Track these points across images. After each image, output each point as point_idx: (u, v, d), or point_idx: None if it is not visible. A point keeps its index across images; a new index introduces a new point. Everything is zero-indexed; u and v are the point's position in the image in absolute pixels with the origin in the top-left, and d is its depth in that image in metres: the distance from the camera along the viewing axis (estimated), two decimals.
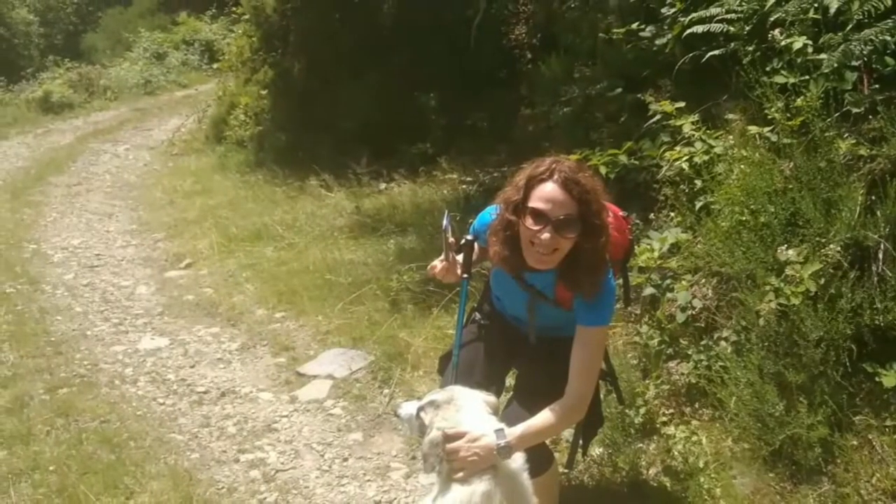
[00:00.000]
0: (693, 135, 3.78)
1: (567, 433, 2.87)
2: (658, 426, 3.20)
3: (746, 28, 3.70)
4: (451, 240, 2.49)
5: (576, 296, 2.26)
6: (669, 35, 4.40)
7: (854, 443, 2.71)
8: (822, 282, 2.84)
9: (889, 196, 2.84)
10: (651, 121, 4.20)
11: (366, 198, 7.21)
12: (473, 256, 2.54)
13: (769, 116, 3.27)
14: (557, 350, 2.31)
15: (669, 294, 3.53)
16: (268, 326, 4.85)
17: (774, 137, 3.29)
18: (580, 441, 2.60)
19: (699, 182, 3.60)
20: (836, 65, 3.12)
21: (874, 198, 2.92)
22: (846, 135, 3.07)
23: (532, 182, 2.16)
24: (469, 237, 2.52)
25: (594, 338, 2.26)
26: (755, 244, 3.11)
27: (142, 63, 18.25)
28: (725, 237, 3.26)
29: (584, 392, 2.24)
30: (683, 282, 3.51)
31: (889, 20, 3.04)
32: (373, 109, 8.15)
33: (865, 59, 3.14)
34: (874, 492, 2.57)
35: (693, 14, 3.99)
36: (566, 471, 2.87)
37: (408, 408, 2.26)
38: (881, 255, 2.84)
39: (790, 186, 3.09)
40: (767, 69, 3.39)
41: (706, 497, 2.81)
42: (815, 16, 3.34)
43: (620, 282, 2.63)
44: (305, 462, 3.38)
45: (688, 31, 3.97)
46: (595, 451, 3.08)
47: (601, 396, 2.69)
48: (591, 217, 2.14)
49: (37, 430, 3.63)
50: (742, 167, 3.35)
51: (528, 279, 2.34)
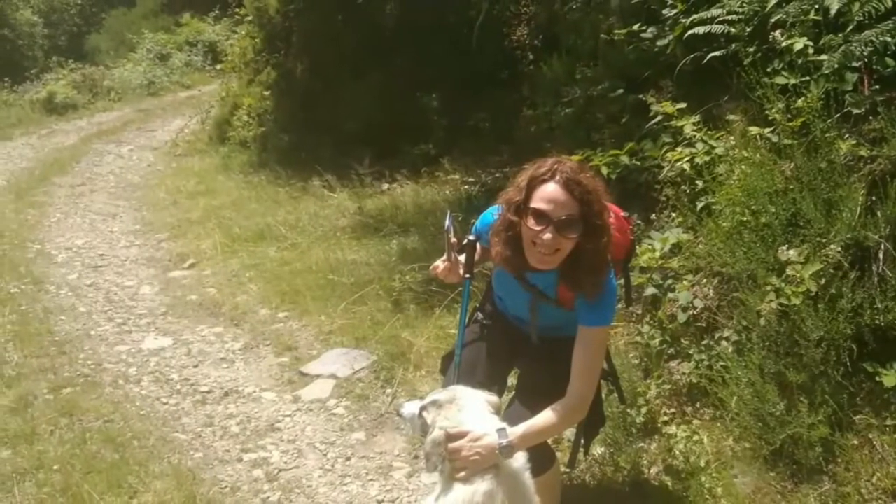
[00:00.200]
0: (694, 135, 3.78)
1: (569, 432, 2.88)
2: (659, 426, 3.21)
3: (747, 29, 3.70)
4: (454, 240, 2.49)
5: (577, 296, 2.27)
6: (671, 36, 4.40)
7: (854, 442, 2.71)
8: (823, 282, 2.84)
9: (889, 196, 2.84)
10: (652, 121, 4.20)
11: (368, 198, 7.22)
12: (475, 256, 2.54)
13: (770, 117, 3.28)
14: (559, 350, 2.31)
15: (671, 294, 3.54)
16: (271, 326, 4.86)
17: (775, 138, 3.30)
18: (582, 440, 2.60)
19: (700, 182, 3.61)
20: (837, 66, 3.12)
21: (874, 198, 2.92)
22: (847, 135, 3.07)
23: (534, 182, 2.16)
24: (471, 237, 2.53)
25: (596, 338, 2.27)
26: (756, 244, 3.11)
27: (145, 64, 18.26)
28: (726, 237, 3.26)
29: (586, 392, 2.25)
30: (685, 282, 3.51)
31: (889, 21, 3.04)
32: (375, 110, 8.16)
33: (866, 60, 3.15)
34: (874, 491, 2.57)
35: (694, 15, 3.99)
36: (568, 470, 2.87)
37: (410, 407, 2.27)
38: (881, 256, 2.84)
39: (791, 187, 3.09)
40: (768, 70, 3.40)
41: (707, 496, 2.81)
42: (816, 17, 3.35)
43: (622, 282, 2.63)
44: (308, 461, 3.39)
45: (689, 33, 3.97)
46: (597, 451, 3.08)
47: (603, 396, 2.69)
48: (593, 217, 2.15)
49: (41, 430, 3.64)
50: (743, 168, 3.35)
51: (530, 279, 2.35)
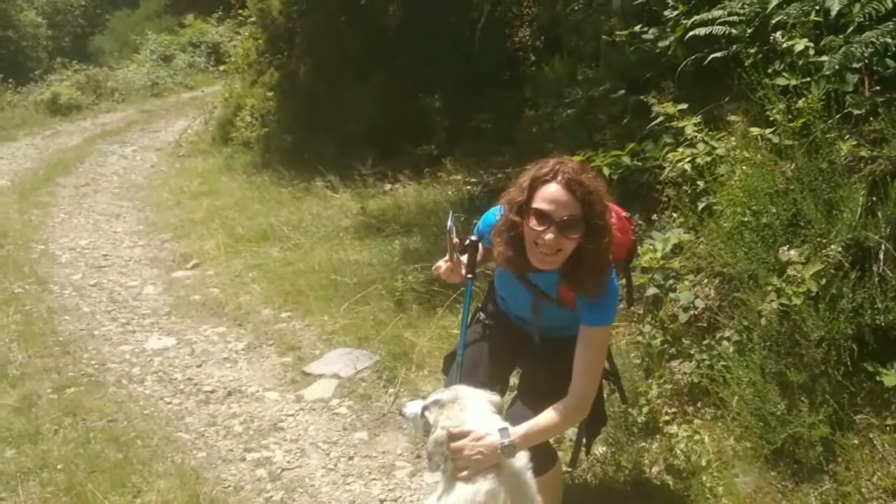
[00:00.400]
0: (695, 136, 3.79)
1: (570, 432, 2.88)
2: (661, 425, 3.22)
3: (748, 30, 3.71)
4: (456, 240, 2.50)
5: (579, 296, 2.27)
6: (672, 37, 4.40)
7: (855, 441, 2.71)
8: (824, 282, 2.85)
9: (890, 197, 2.84)
10: (654, 122, 4.21)
11: (371, 199, 7.23)
12: (478, 257, 2.54)
13: (771, 118, 3.28)
14: (561, 349, 2.32)
15: (672, 294, 3.55)
16: (274, 326, 4.88)
17: (776, 139, 3.30)
18: (583, 440, 2.61)
19: (701, 183, 3.61)
20: (838, 67, 3.13)
21: (875, 199, 2.93)
22: (847, 136, 3.07)
23: (536, 183, 2.17)
24: (473, 238, 2.53)
25: (597, 338, 2.27)
26: (757, 245, 3.12)
27: (149, 65, 18.29)
28: (727, 238, 3.27)
29: (588, 391, 2.25)
30: (686, 282, 3.52)
31: (890, 23, 3.04)
32: (378, 111, 8.17)
33: (866, 62, 3.15)
34: (875, 490, 2.57)
35: (695, 16, 3.99)
36: (570, 469, 2.88)
37: (413, 407, 2.27)
38: (882, 256, 2.84)
39: (792, 187, 3.09)
40: (769, 71, 3.40)
41: (708, 495, 2.82)
42: (817, 18, 3.35)
43: (623, 282, 2.64)
44: (311, 461, 3.40)
45: (690, 34, 3.97)
46: (598, 450, 3.09)
47: (604, 396, 2.71)
48: (595, 218, 2.16)
49: (45, 429, 3.65)
50: (744, 168, 3.36)
51: (532, 279, 2.36)
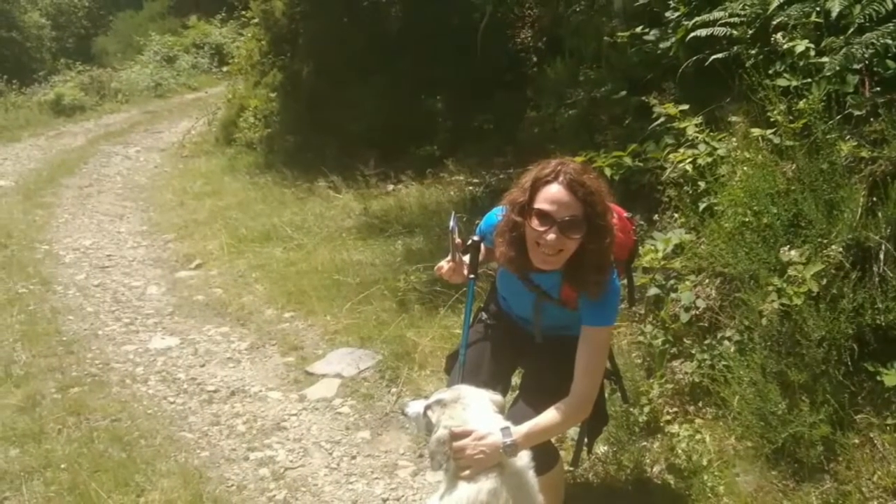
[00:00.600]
0: (697, 137, 3.80)
1: (572, 431, 2.88)
2: (662, 425, 3.23)
3: (749, 31, 3.72)
4: (458, 241, 2.51)
5: (581, 296, 2.28)
6: (673, 38, 4.41)
7: (855, 441, 2.72)
8: (824, 282, 2.86)
9: (890, 197, 2.85)
10: (655, 123, 4.22)
11: (373, 199, 7.24)
12: (480, 257, 2.56)
13: (772, 119, 3.29)
14: (563, 349, 2.33)
15: (673, 294, 3.56)
16: (277, 326, 4.89)
17: (777, 139, 3.32)
18: (585, 439, 2.62)
19: (703, 184, 3.62)
20: (838, 68, 3.14)
21: (875, 199, 2.94)
22: (848, 137, 3.08)
23: (538, 184, 2.18)
24: (475, 238, 2.54)
25: (599, 338, 2.28)
26: (758, 245, 3.13)
27: (152, 66, 18.33)
28: (729, 238, 3.28)
29: (589, 391, 2.26)
30: (687, 282, 3.53)
31: (890, 24, 3.05)
32: (380, 112, 8.18)
33: (867, 63, 3.16)
34: (875, 489, 2.58)
35: (696, 18, 4.00)
36: (571, 468, 2.89)
37: (415, 406, 2.28)
38: (882, 256, 2.85)
39: (792, 188, 3.10)
40: (770, 72, 3.41)
41: (709, 495, 2.83)
42: (817, 19, 3.36)
43: (625, 282, 2.65)
44: (314, 460, 3.41)
45: (691, 35, 3.98)
46: (600, 449, 3.10)
47: (606, 395, 2.72)
48: (596, 218, 2.17)
49: (49, 429, 3.67)
50: (745, 169, 3.37)
51: (534, 279, 2.37)
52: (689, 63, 4.16)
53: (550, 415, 2.19)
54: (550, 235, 2.14)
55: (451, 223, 2.52)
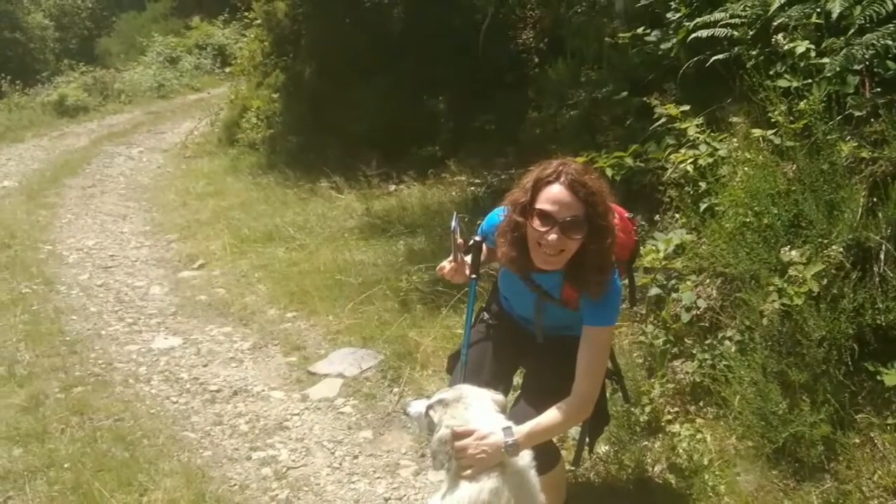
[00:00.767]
0: (698, 137, 3.81)
1: (574, 431, 2.89)
2: (663, 424, 3.23)
3: (750, 32, 3.72)
4: (460, 241, 2.52)
5: (582, 296, 2.29)
6: (674, 39, 4.42)
7: (856, 440, 2.73)
8: (825, 282, 2.87)
9: (890, 198, 2.86)
10: (656, 124, 4.23)
11: (376, 199, 7.25)
12: (482, 257, 2.57)
13: (772, 119, 3.30)
14: (565, 349, 2.34)
15: (674, 294, 3.56)
16: (279, 326, 4.90)
17: (778, 140, 3.33)
18: (587, 439, 2.62)
19: (704, 184, 3.63)
20: (839, 69, 3.14)
21: (876, 199, 2.94)
22: (848, 137, 3.09)
23: (539, 184, 2.19)
24: (477, 238, 2.55)
25: (600, 337, 2.29)
26: (759, 245, 3.14)
27: (155, 67, 18.33)
28: (729, 238, 3.28)
29: (591, 391, 2.27)
30: (688, 282, 3.53)
31: (890, 25, 3.06)
32: (382, 112, 8.19)
33: (867, 63, 3.16)
34: (876, 489, 2.59)
35: (698, 19, 4.01)
36: (573, 468, 2.90)
37: (417, 406, 2.29)
38: (882, 256, 2.86)
39: (793, 188, 3.11)
40: (771, 73, 3.41)
41: (710, 494, 2.83)
42: (818, 20, 3.37)
43: (626, 282, 2.66)
44: (316, 459, 3.42)
45: (692, 36, 3.99)
46: (601, 449, 3.11)
47: (607, 395, 2.73)
48: (598, 218, 2.17)
49: (52, 428, 3.68)
50: (746, 169, 3.38)
51: (536, 280, 2.37)
52: (690, 64, 4.17)
53: (552, 414, 2.20)
54: (552, 236, 2.15)
55: (453, 223, 2.53)
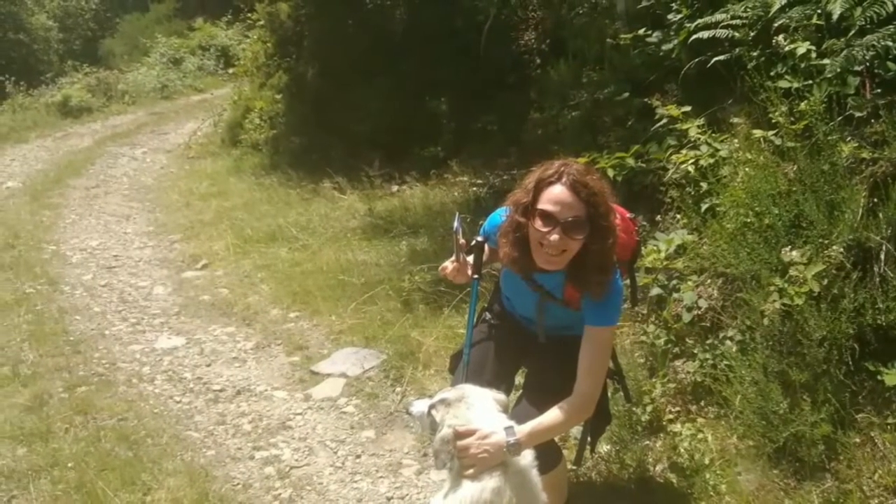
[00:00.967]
0: (699, 138, 3.82)
1: (576, 430, 2.89)
2: (664, 424, 3.24)
3: (751, 34, 3.73)
4: (462, 241, 2.53)
5: (584, 296, 2.29)
6: (676, 41, 4.43)
7: (856, 440, 2.73)
8: (826, 282, 2.87)
9: (891, 198, 2.86)
10: (658, 124, 4.23)
11: (378, 200, 7.26)
12: (484, 257, 2.58)
13: (773, 120, 3.31)
14: (566, 349, 2.34)
15: (676, 294, 3.57)
16: (282, 326, 4.92)
17: (778, 141, 3.33)
18: (588, 438, 2.64)
19: (705, 184, 3.64)
20: (839, 69, 3.15)
21: (876, 200, 2.95)
22: (849, 138, 3.09)
23: (541, 184, 2.20)
24: (479, 239, 2.56)
25: (602, 337, 2.30)
26: (760, 245, 3.14)
27: (159, 68, 18.35)
28: (730, 238, 3.29)
29: (592, 391, 2.28)
30: (689, 282, 3.54)
31: (891, 26, 3.06)
32: (385, 113, 8.20)
33: (868, 64, 3.17)
34: (876, 488, 2.59)
35: (699, 20, 4.03)
36: (575, 467, 2.91)
37: (419, 406, 2.29)
38: (883, 256, 2.86)
39: (794, 189, 3.12)
40: (772, 74, 3.42)
41: (711, 493, 2.84)
42: (819, 22, 3.37)
43: (628, 282, 2.67)
44: (319, 459, 3.43)
45: (694, 37, 4.00)
46: (603, 448, 3.12)
47: (609, 394, 2.74)
48: (599, 219, 2.18)
49: (56, 428, 3.70)
50: (747, 170, 3.38)
51: (538, 280, 2.38)
52: (692, 65, 4.18)
53: (554, 414, 2.21)
54: (554, 236, 2.15)
55: (455, 224, 2.53)
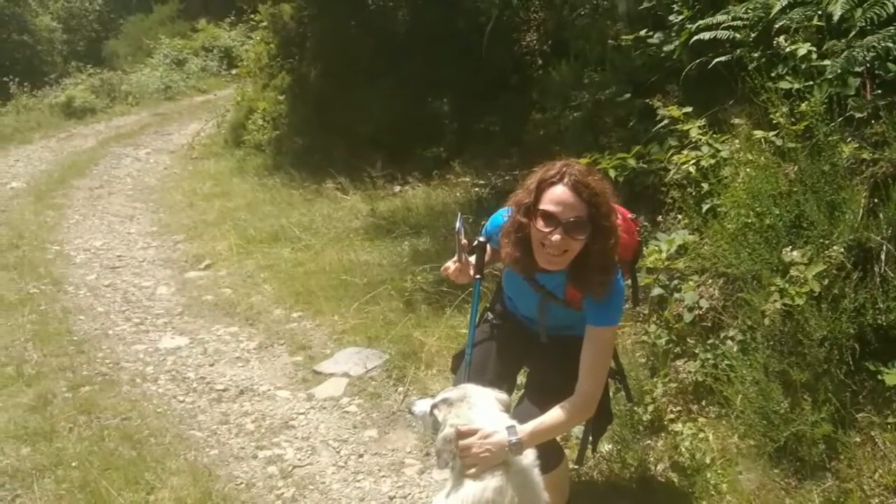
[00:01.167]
0: (700, 139, 3.82)
1: (577, 430, 2.90)
2: (666, 423, 3.25)
3: (752, 35, 3.74)
4: (464, 241, 2.53)
5: (586, 296, 2.30)
6: (677, 42, 4.44)
7: (857, 439, 2.74)
8: (826, 282, 2.88)
9: (891, 199, 2.87)
10: (659, 125, 4.24)
11: (381, 200, 7.27)
12: (486, 258, 2.58)
13: (774, 121, 3.32)
14: (568, 349, 2.35)
15: (677, 294, 3.58)
16: (285, 326, 4.93)
17: (779, 141, 3.34)
18: (590, 438, 2.65)
19: (706, 185, 3.65)
20: (840, 70, 3.15)
21: (876, 200, 2.96)
22: (849, 139, 3.10)
23: (543, 185, 2.20)
24: (481, 239, 2.57)
25: (603, 337, 2.30)
26: (760, 246, 3.15)
27: (162, 69, 18.40)
28: (731, 239, 3.29)
29: (594, 390, 2.28)
30: (690, 282, 3.55)
31: (891, 27, 3.07)
32: (387, 114, 8.22)
33: (868, 65, 3.18)
34: (876, 487, 2.60)
35: (700, 21, 4.04)
36: (576, 467, 2.92)
37: (422, 405, 2.31)
38: (883, 257, 2.87)
39: (794, 189, 3.12)
40: (772, 75, 3.43)
41: (712, 492, 2.85)
42: (819, 23, 3.38)
43: (629, 282, 2.67)
44: (322, 458, 3.43)
45: (695, 38, 4.01)
46: (604, 448, 3.13)
47: (610, 394, 2.74)
48: (601, 219, 2.19)
49: (60, 427, 3.70)
50: (748, 170, 3.39)
51: (540, 280, 2.39)
52: (693, 66, 4.19)
53: (555, 413, 2.21)
54: (555, 236, 2.16)
55: (457, 224, 2.53)
